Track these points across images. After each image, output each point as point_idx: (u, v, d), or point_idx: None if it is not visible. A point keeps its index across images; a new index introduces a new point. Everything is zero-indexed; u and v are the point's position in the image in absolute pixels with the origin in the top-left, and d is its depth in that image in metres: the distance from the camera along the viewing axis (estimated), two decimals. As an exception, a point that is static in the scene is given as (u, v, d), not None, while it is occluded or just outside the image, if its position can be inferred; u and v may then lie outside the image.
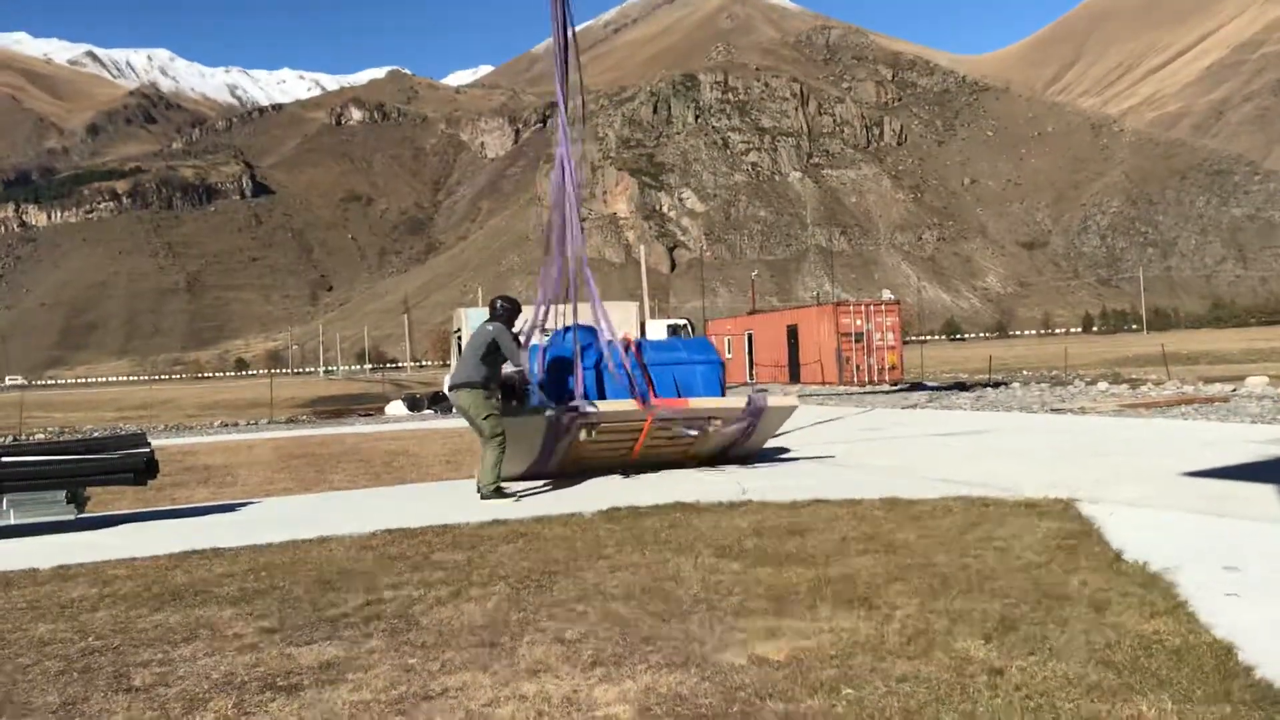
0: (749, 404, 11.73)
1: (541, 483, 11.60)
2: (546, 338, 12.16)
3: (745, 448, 12.41)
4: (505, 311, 10.87)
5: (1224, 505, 7.88)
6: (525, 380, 11.11)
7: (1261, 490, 8.56)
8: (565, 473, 11.74)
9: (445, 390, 36.72)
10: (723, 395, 12.51)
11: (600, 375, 11.91)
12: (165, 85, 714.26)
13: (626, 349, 12.07)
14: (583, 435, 11.05)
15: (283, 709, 4.19)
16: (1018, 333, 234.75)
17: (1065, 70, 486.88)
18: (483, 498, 10.15)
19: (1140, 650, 4.33)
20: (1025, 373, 43.83)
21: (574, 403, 11.12)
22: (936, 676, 4.13)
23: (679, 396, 11.96)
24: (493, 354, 10.57)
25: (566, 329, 12.33)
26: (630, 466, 11.89)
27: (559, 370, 11.71)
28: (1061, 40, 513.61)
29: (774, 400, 12.18)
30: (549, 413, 10.96)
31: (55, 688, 4.60)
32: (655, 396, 11.59)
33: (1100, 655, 4.30)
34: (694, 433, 11.47)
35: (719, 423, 11.54)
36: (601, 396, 11.71)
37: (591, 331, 12.32)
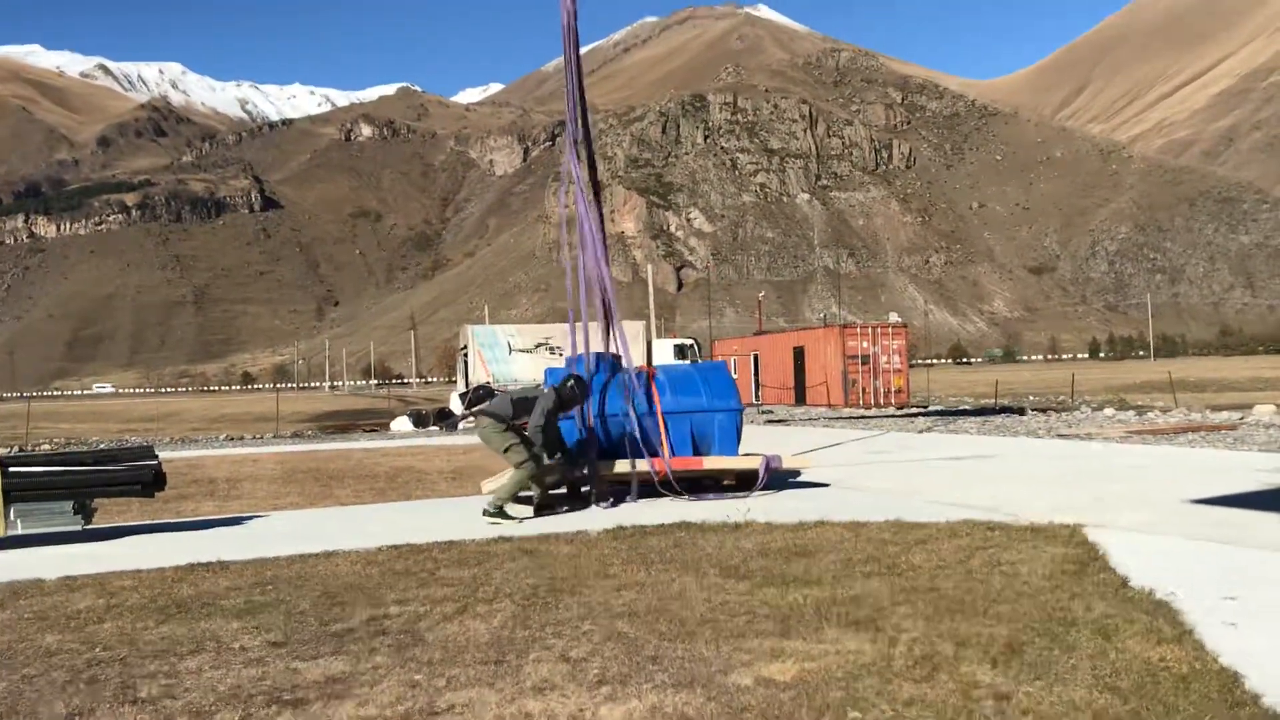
0: (764, 464, 11.70)
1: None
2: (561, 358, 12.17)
3: None
4: (571, 393, 10.81)
5: (1231, 533, 7.86)
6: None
7: (1269, 518, 8.54)
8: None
9: (452, 406, 36.77)
10: (739, 440, 12.41)
11: (606, 425, 11.76)
12: (176, 99, 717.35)
13: (642, 380, 12.05)
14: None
15: (288, 723, 4.20)
16: (1024, 357, 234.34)
17: (1074, 96, 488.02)
18: (486, 513, 10.10)
19: (1147, 677, 4.32)
20: (1031, 397, 43.79)
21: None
22: (943, 700, 4.13)
23: (695, 450, 11.92)
24: (528, 404, 10.56)
25: (578, 358, 12.28)
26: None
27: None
28: (1071, 66, 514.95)
29: (789, 462, 12.16)
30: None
31: (61, 698, 4.60)
32: (669, 451, 11.60)
33: (1107, 681, 4.29)
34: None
35: (731, 481, 11.59)
36: (609, 441, 11.64)
37: (608, 363, 12.24)
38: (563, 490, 11.89)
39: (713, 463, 11.66)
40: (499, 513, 10.05)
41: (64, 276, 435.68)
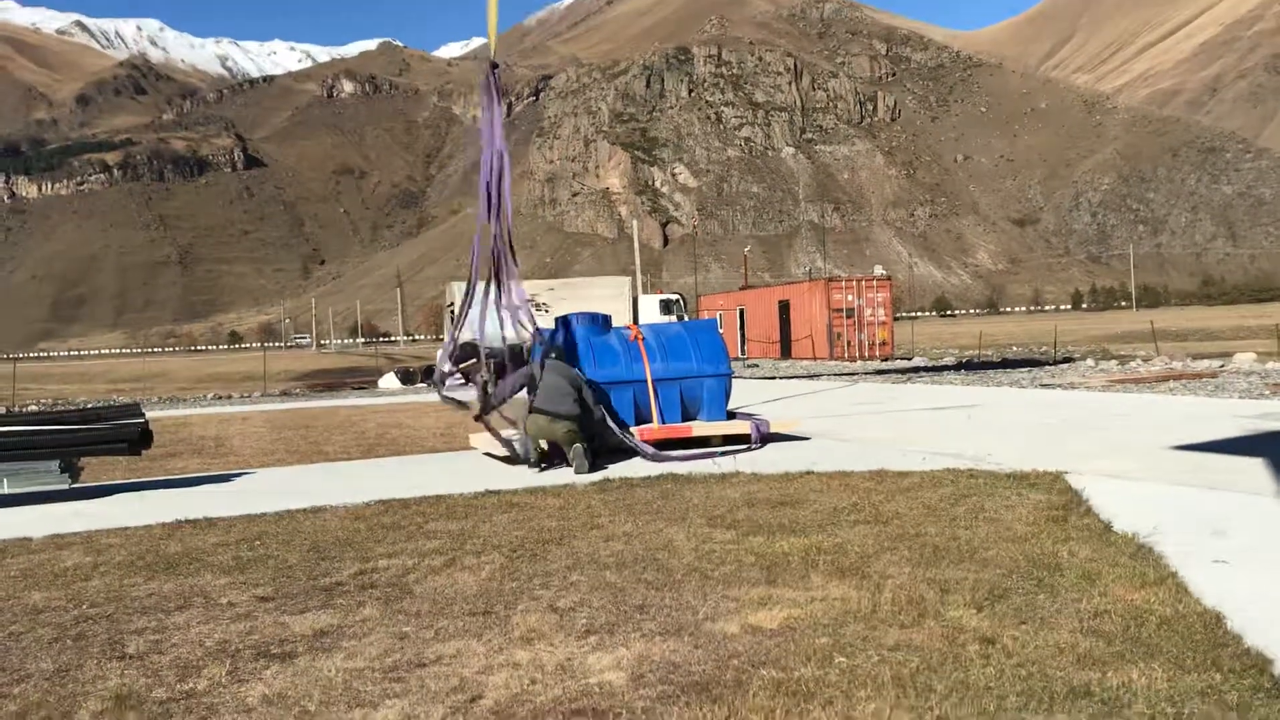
0: (754, 430, 11.69)
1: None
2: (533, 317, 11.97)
3: None
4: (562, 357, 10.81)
5: (1213, 478, 7.92)
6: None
7: (1249, 463, 8.61)
8: None
9: (437, 363, 36.72)
10: (727, 402, 12.39)
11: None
12: (155, 56, 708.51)
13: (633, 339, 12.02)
14: None
15: (277, 676, 4.21)
16: (1008, 309, 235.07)
17: (1059, 46, 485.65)
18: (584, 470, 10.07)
19: (1131, 619, 4.36)
20: (1015, 348, 43.95)
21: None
22: (929, 645, 4.16)
23: (684, 413, 11.88)
24: (581, 393, 10.49)
25: (566, 319, 12.18)
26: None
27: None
28: (1056, 16, 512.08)
29: (778, 426, 12.16)
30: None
31: (49, 655, 4.61)
32: (659, 419, 11.60)
33: (1091, 624, 4.33)
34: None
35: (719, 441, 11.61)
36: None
37: (596, 322, 12.16)
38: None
39: (701, 429, 11.67)
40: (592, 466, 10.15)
41: (46, 237, 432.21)
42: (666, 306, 43.23)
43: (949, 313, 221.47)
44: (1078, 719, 3.41)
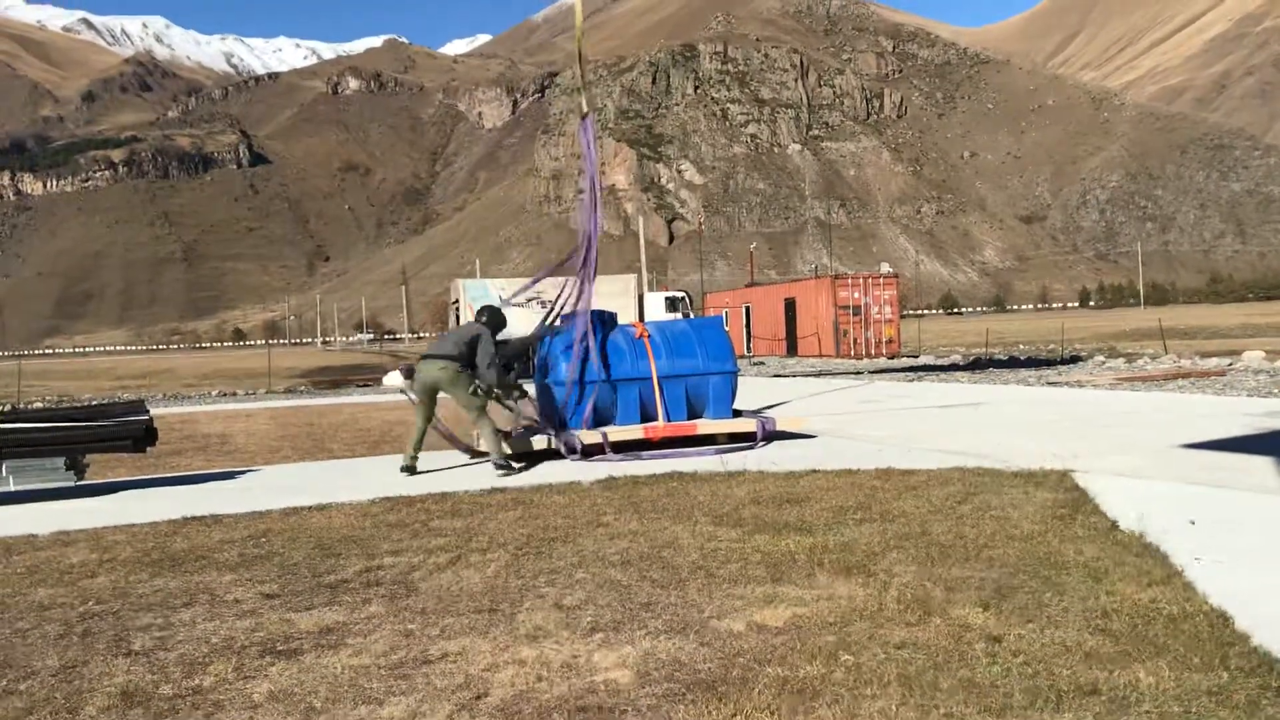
0: (760, 428, 11.65)
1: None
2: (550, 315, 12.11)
3: None
4: (489, 324, 10.82)
5: (1220, 476, 7.89)
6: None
7: (1257, 462, 8.58)
8: None
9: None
10: (733, 400, 12.36)
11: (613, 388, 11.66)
12: (161, 53, 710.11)
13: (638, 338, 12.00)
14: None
15: (282, 673, 4.21)
16: (1015, 307, 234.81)
17: (1067, 42, 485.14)
18: (497, 467, 10.07)
19: (1137, 618, 4.34)
20: (1022, 346, 43.89)
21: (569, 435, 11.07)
22: (934, 643, 4.15)
23: (690, 411, 11.85)
24: (473, 348, 10.54)
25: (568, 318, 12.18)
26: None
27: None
28: (1064, 12, 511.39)
29: (783, 424, 12.11)
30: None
31: (55, 651, 4.61)
32: (664, 416, 11.57)
33: (1097, 623, 4.32)
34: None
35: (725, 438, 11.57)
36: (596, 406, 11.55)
37: (602, 319, 12.16)
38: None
39: (707, 427, 11.61)
40: (505, 465, 10.10)
41: (52, 234, 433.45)
42: (672, 304, 43.23)
43: (956, 310, 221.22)
44: (1084, 718, 3.40)
